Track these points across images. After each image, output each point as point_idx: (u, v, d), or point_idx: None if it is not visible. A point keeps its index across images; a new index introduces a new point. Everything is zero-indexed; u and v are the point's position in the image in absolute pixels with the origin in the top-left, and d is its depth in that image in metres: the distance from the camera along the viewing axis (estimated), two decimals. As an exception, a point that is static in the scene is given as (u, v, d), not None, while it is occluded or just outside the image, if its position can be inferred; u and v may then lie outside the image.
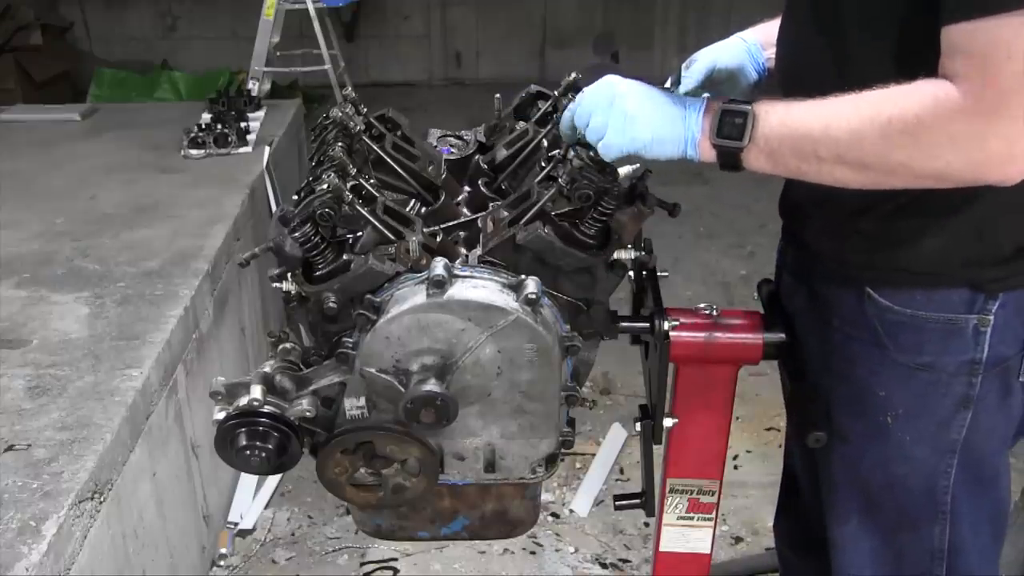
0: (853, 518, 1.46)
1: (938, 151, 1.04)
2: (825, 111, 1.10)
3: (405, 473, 1.27)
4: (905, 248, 1.27)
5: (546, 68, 7.51)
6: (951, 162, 1.05)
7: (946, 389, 1.31)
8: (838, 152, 1.09)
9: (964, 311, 1.27)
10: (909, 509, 1.41)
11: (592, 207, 1.24)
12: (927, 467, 1.36)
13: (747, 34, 1.51)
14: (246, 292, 3.02)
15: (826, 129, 1.09)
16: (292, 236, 1.21)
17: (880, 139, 1.06)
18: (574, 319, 1.28)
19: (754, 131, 1.12)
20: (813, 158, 1.10)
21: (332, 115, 1.47)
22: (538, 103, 1.59)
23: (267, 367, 1.22)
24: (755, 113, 1.13)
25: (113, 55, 7.19)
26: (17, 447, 1.79)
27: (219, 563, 2.62)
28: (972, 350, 1.28)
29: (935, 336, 1.29)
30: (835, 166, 1.10)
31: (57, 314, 2.29)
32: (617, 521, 2.78)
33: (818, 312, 1.41)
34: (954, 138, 1.03)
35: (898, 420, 1.35)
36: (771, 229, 5.35)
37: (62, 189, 3.17)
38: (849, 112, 1.08)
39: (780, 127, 1.12)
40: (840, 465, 1.45)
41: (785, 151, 1.12)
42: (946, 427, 1.33)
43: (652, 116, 1.17)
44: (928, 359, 1.30)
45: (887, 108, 1.05)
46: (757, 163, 1.15)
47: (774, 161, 1.14)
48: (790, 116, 1.12)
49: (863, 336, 1.34)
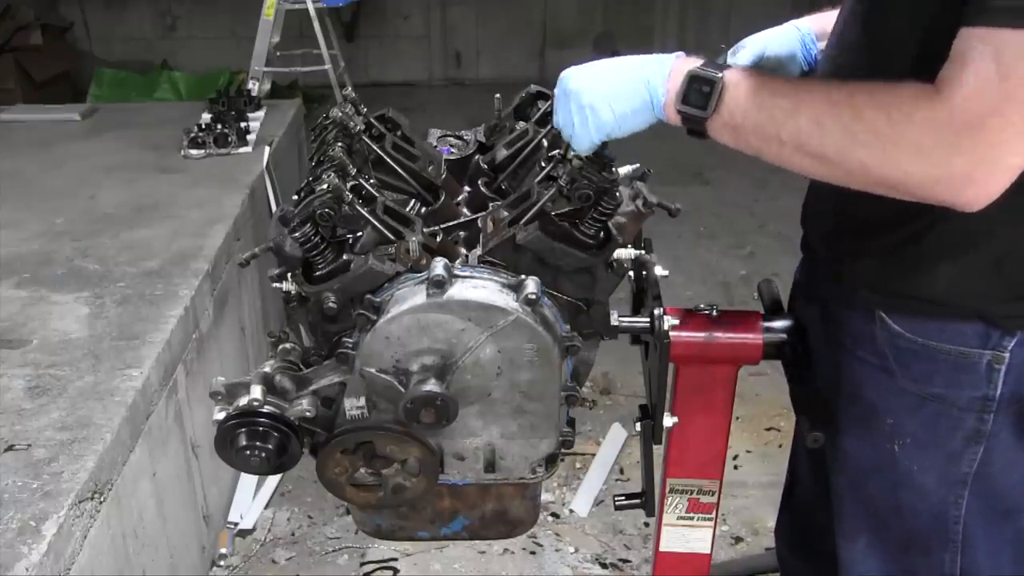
0: (862, 537, 1.42)
1: (899, 158, 0.98)
2: (797, 92, 1.05)
3: (405, 473, 1.27)
4: (919, 274, 1.21)
5: (546, 68, 7.51)
6: (910, 173, 0.99)
7: (956, 423, 1.25)
8: (799, 139, 1.03)
9: (977, 346, 1.20)
10: (919, 534, 1.35)
11: (592, 207, 1.24)
12: (935, 496, 1.30)
13: (801, 22, 1.46)
14: (246, 292, 3.02)
15: (792, 112, 1.03)
16: (292, 236, 1.21)
17: (843, 134, 1.00)
18: (574, 319, 1.28)
19: (719, 103, 1.07)
20: (775, 140, 1.05)
21: (332, 115, 1.47)
22: (538, 103, 1.59)
23: (267, 367, 1.22)
24: (724, 83, 1.07)
25: (113, 55, 7.19)
26: (17, 447, 1.79)
27: (219, 563, 2.62)
28: (985, 387, 1.22)
29: (946, 368, 1.23)
30: (795, 153, 1.05)
31: (57, 314, 2.29)
32: (617, 521, 2.78)
33: (829, 329, 1.38)
34: (919, 148, 0.97)
35: (905, 449, 1.29)
36: (771, 229, 5.36)
37: (62, 189, 3.16)
38: (820, 98, 1.03)
39: (747, 101, 1.06)
40: (848, 482, 1.41)
41: (748, 128, 1.07)
42: (956, 460, 1.27)
43: (611, 93, 1.14)
44: (938, 391, 1.24)
45: (859, 101, 1.00)
46: (721, 136, 1.10)
47: (736, 136, 1.09)
48: (760, 91, 1.06)
49: (873, 360, 1.29)
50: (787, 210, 1.50)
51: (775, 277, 1.60)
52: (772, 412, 3.18)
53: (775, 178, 4.65)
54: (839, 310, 1.35)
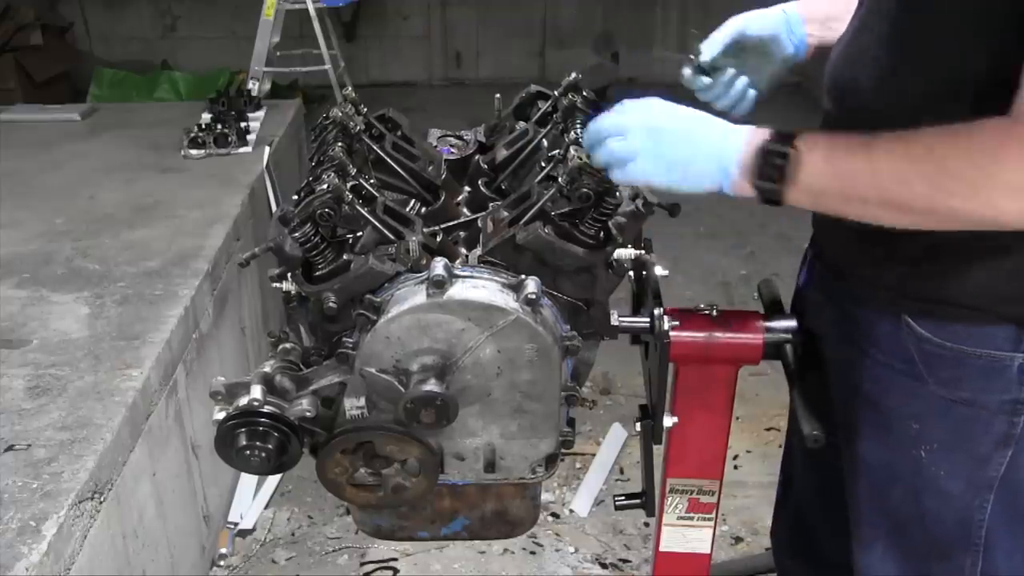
0: (879, 544, 1.39)
1: (992, 200, 0.97)
2: (874, 152, 1.03)
3: (405, 473, 1.27)
4: (947, 279, 1.20)
5: (546, 68, 7.51)
6: (1006, 211, 0.97)
7: (986, 427, 1.23)
8: (885, 198, 1.03)
9: (1009, 349, 1.19)
10: (940, 540, 1.32)
11: (592, 207, 1.23)
12: (961, 502, 1.28)
13: (789, 6, 1.44)
14: (246, 292, 3.02)
15: (874, 172, 1.03)
16: (292, 236, 1.21)
17: (930, 187, 0.99)
18: (574, 319, 1.28)
19: (797, 173, 1.07)
20: (857, 202, 1.05)
21: (332, 115, 1.47)
22: (538, 103, 1.59)
23: (267, 367, 1.22)
24: (798, 155, 1.07)
25: (113, 55, 7.19)
26: (17, 447, 1.79)
27: (219, 563, 2.62)
28: (1016, 390, 1.20)
29: (976, 372, 1.21)
30: (880, 208, 1.05)
31: (57, 314, 2.29)
32: (617, 521, 2.78)
33: (848, 335, 1.34)
34: (1011, 186, 0.96)
35: (932, 454, 1.27)
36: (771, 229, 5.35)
37: (62, 189, 3.16)
38: (899, 154, 1.02)
39: (824, 168, 1.06)
40: (866, 491, 1.38)
41: (829, 194, 1.07)
42: (984, 464, 1.25)
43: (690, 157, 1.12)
44: (967, 395, 1.23)
45: (941, 151, 0.99)
46: (798, 202, 1.10)
47: (815, 201, 1.09)
48: (835, 155, 1.06)
49: (898, 365, 1.27)
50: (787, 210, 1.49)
51: (775, 277, 1.59)
52: (772, 412, 3.18)
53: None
54: (860, 314, 1.32)
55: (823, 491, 1.58)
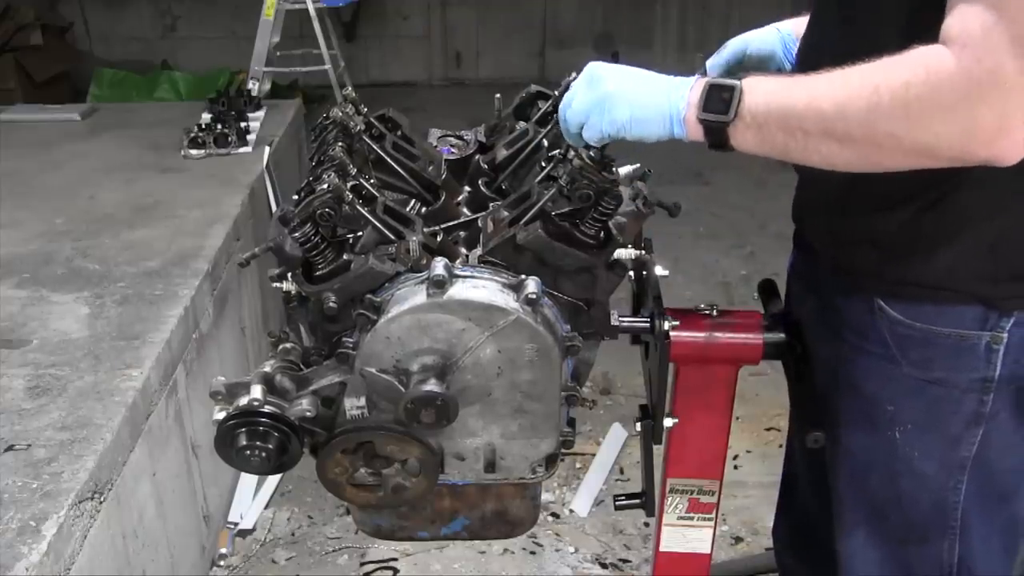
0: (860, 530, 1.43)
1: (927, 121, 0.98)
2: (813, 83, 1.05)
3: (405, 473, 1.27)
4: (916, 260, 1.23)
5: (546, 68, 7.51)
6: (940, 134, 0.98)
7: (957, 406, 1.27)
8: (824, 125, 1.04)
9: (976, 327, 1.23)
10: (917, 523, 1.37)
11: (592, 207, 1.23)
12: (935, 483, 1.32)
13: (782, 24, 1.48)
14: (246, 292, 3.02)
15: (812, 100, 1.04)
16: (292, 236, 1.21)
17: (867, 109, 1.00)
18: (574, 319, 1.28)
19: (740, 105, 1.08)
20: (799, 132, 1.06)
21: (332, 115, 1.47)
22: (538, 103, 1.59)
23: (267, 367, 1.22)
24: (742, 87, 1.09)
25: (113, 55, 7.18)
26: (17, 447, 1.79)
27: (219, 563, 2.62)
28: (984, 368, 1.24)
29: (946, 351, 1.25)
30: (822, 140, 1.05)
31: (57, 314, 2.29)
32: (617, 521, 2.78)
33: (827, 322, 1.38)
34: (944, 107, 0.97)
35: (906, 435, 1.31)
36: (771, 229, 5.35)
37: (62, 189, 3.17)
38: (837, 83, 1.03)
39: (766, 100, 1.07)
40: (847, 478, 1.42)
41: (772, 125, 1.07)
42: (956, 443, 1.29)
43: (633, 94, 1.15)
44: (939, 374, 1.26)
45: (876, 76, 1.00)
46: (744, 140, 1.10)
47: (761, 137, 1.09)
48: (777, 89, 1.08)
49: (873, 348, 1.31)
50: (787, 210, 1.49)
51: (775, 277, 1.60)
52: (772, 412, 3.18)
53: (775, 178, 4.65)
54: (837, 301, 1.36)
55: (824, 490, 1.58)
